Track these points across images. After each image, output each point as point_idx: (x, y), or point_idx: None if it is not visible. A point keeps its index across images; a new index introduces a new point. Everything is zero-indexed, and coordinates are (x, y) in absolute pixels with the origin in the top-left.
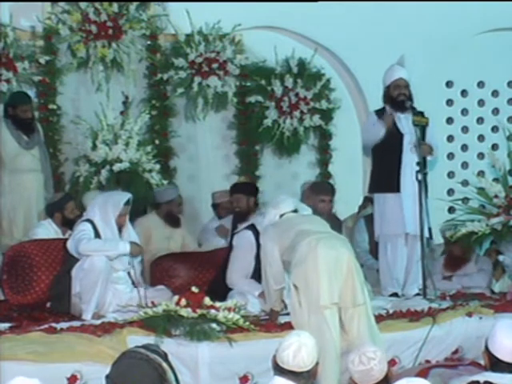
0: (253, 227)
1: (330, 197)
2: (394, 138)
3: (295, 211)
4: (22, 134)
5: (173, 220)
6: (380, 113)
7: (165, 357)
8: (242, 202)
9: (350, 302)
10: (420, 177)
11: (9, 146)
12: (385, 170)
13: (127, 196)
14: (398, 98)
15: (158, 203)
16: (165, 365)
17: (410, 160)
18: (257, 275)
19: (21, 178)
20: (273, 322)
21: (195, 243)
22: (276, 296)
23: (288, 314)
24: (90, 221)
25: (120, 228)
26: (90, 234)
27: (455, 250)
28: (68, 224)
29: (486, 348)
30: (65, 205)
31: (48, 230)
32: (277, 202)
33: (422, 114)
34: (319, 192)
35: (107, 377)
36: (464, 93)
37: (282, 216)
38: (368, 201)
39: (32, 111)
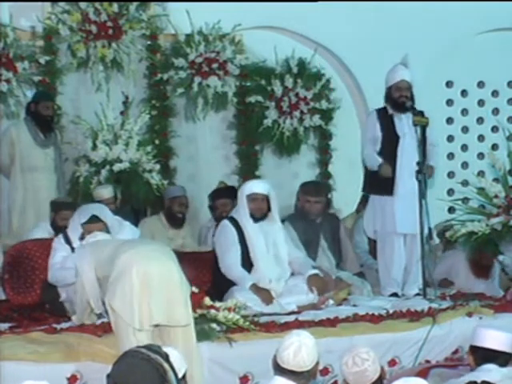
0: (231, 218)
1: (316, 198)
2: (390, 141)
3: None
4: (39, 132)
5: (172, 218)
6: (381, 112)
7: (166, 357)
8: (228, 206)
9: (172, 322)
10: (420, 177)
11: (24, 142)
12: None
13: (89, 214)
14: (398, 99)
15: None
16: (166, 365)
17: (407, 161)
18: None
19: (32, 176)
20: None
21: (195, 245)
22: (87, 313)
23: (288, 314)
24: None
25: None
26: (58, 257)
27: (480, 259)
28: (55, 229)
29: (472, 348)
30: (61, 210)
31: (43, 231)
32: (89, 237)
33: (422, 113)
34: (305, 192)
35: (108, 376)
36: (464, 93)
37: None
38: (367, 199)
39: (53, 110)
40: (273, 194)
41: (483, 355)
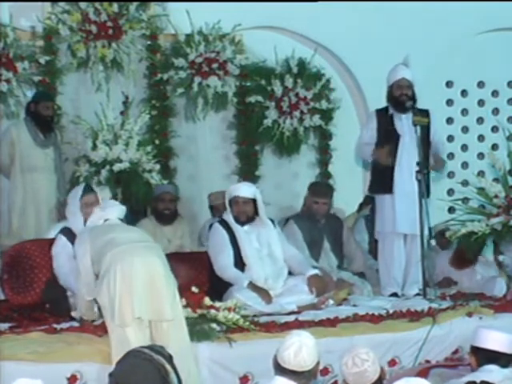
0: (221, 221)
1: (325, 200)
2: (390, 139)
3: (123, 220)
4: (39, 132)
5: (159, 216)
6: (382, 112)
7: (169, 358)
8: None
9: (157, 317)
10: (420, 177)
11: (24, 142)
12: (379, 172)
13: (82, 186)
14: (399, 98)
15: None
16: (168, 366)
17: (407, 160)
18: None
19: (32, 176)
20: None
21: (193, 244)
22: (87, 305)
23: (288, 314)
24: (66, 229)
25: None
26: (62, 259)
27: (462, 253)
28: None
29: (473, 349)
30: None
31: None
32: (105, 205)
33: (426, 112)
34: (313, 194)
35: (110, 375)
36: (464, 93)
37: (106, 221)
38: (369, 199)
39: (53, 110)
40: (259, 197)
41: (485, 356)
